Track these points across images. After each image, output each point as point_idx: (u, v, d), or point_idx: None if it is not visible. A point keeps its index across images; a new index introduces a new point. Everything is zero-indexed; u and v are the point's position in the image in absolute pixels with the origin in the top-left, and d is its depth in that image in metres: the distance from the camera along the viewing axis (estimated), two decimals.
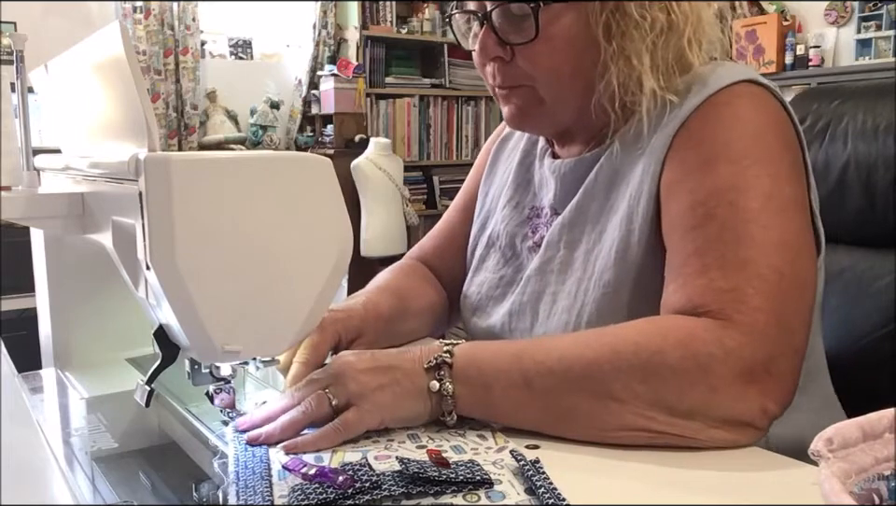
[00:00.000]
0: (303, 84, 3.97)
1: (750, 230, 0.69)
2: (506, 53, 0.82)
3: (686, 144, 0.75)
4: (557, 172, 0.88)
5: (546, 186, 0.92)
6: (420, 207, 4.08)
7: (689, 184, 0.73)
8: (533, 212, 0.94)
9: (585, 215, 0.84)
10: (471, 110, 4.35)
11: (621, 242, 0.78)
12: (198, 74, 3.66)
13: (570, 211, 0.85)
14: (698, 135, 0.75)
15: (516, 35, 0.80)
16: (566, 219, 0.85)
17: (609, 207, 0.81)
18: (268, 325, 0.64)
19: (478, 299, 0.96)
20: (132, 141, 0.64)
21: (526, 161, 0.97)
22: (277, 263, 0.62)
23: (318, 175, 0.63)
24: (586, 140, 0.88)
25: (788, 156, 0.75)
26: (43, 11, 3.29)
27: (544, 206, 0.91)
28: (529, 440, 0.66)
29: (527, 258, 0.91)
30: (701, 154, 0.74)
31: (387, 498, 0.55)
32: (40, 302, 1.02)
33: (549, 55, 0.80)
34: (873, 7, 3.33)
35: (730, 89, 0.76)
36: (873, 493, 0.45)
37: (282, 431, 0.66)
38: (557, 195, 0.89)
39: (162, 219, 0.57)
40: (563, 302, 0.83)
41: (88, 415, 0.84)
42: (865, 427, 0.46)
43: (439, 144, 4.27)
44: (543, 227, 0.90)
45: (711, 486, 0.58)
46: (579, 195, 0.85)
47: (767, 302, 0.66)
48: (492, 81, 0.86)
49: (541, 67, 0.81)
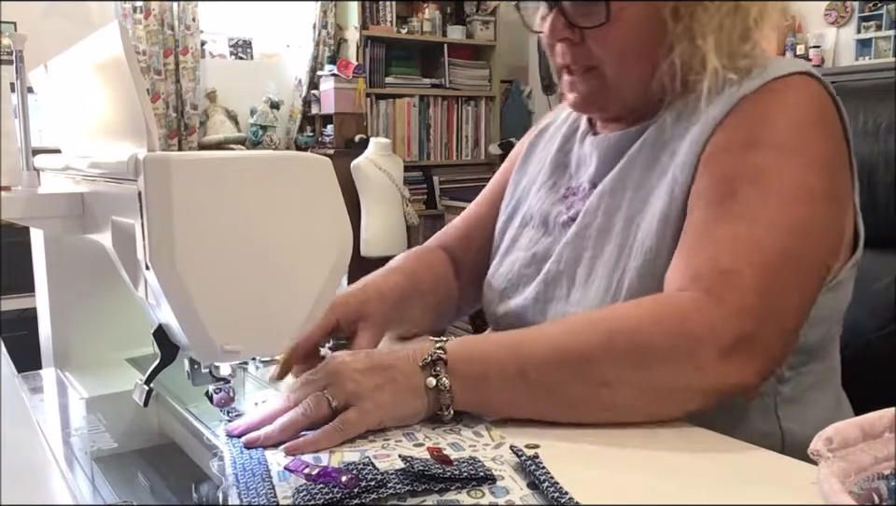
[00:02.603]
0: (303, 84, 3.97)
1: (767, 212, 0.71)
2: (574, 35, 0.84)
3: (733, 123, 0.77)
4: (601, 146, 0.90)
5: (585, 163, 0.93)
6: (420, 207, 4.08)
7: (723, 160, 0.76)
8: (569, 191, 0.94)
9: (626, 182, 0.84)
10: (471, 110, 4.35)
11: (664, 209, 0.79)
12: (198, 74, 3.66)
13: (612, 179, 0.86)
14: (747, 117, 0.77)
15: (586, 19, 0.82)
16: (606, 187, 0.86)
17: (653, 175, 0.82)
18: (268, 325, 0.64)
19: (508, 279, 0.96)
20: (131, 141, 0.64)
21: (566, 147, 0.98)
22: (277, 263, 0.62)
23: (318, 175, 0.63)
24: (634, 119, 0.89)
25: (828, 150, 0.77)
26: (43, 11, 3.29)
27: (581, 184, 0.92)
28: (525, 437, 0.66)
29: (561, 232, 0.91)
30: (743, 135, 0.76)
31: (393, 496, 0.55)
32: (40, 302, 1.02)
33: (618, 38, 0.82)
34: (873, 7, 3.32)
35: (786, 78, 0.78)
36: (872, 492, 0.45)
37: (281, 432, 0.66)
38: (598, 168, 0.90)
39: (162, 219, 0.57)
40: (602, 267, 0.83)
41: (87, 415, 0.84)
42: (865, 426, 0.46)
43: (439, 144, 4.27)
44: (580, 202, 0.90)
45: (711, 485, 0.58)
46: (622, 163, 0.86)
47: (762, 283, 0.69)
48: (561, 60, 0.88)
49: (610, 49, 0.83)
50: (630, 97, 0.86)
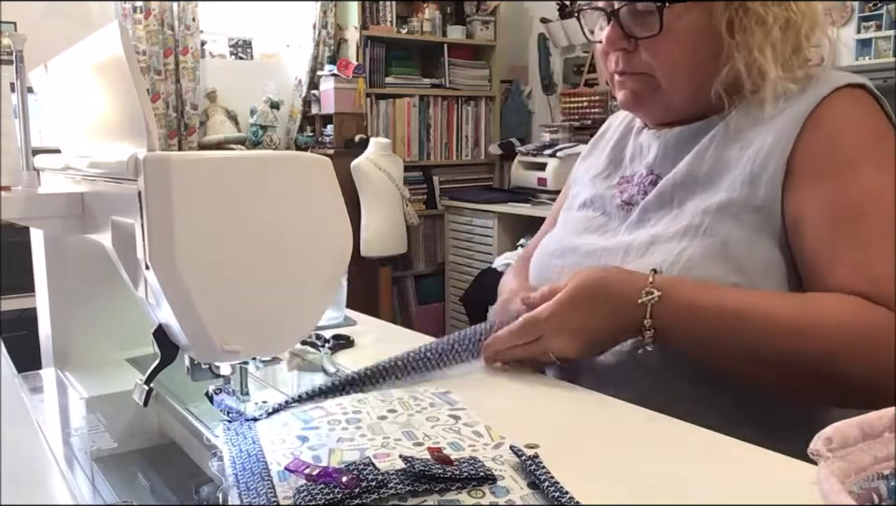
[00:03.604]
0: (303, 84, 3.96)
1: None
2: (630, 45, 0.90)
3: (820, 135, 0.82)
4: (662, 138, 0.95)
5: (642, 153, 0.98)
6: (420, 207, 4.08)
7: (834, 178, 0.80)
8: (623, 179, 0.99)
9: (696, 174, 0.89)
10: (471, 110, 4.35)
11: (741, 202, 0.83)
12: (198, 74, 3.66)
13: (680, 171, 0.90)
14: (831, 128, 0.82)
15: (641, 30, 0.88)
16: (677, 177, 0.90)
17: (720, 167, 0.87)
18: (267, 325, 0.64)
19: (561, 240, 1.01)
20: (131, 141, 0.64)
21: (620, 144, 1.04)
22: (277, 263, 0.62)
23: (318, 175, 0.63)
24: (688, 120, 0.93)
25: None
26: (43, 11, 3.29)
27: (638, 171, 0.97)
28: (525, 437, 0.66)
29: (616, 214, 0.97)
30: (841, 151, 0.81)
31: (394, 496, 0.55)
32: (40, 302, 1.02)
33: (670, 49, 0.88)
34: (873, 7, 3.32)
35: (852, 89, 0.84)
36: (872, 492, 0.45)
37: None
38: (658, 158, 0.95)
39: (162, 219, 0.57)
40: (665, 242, 0.86)
41: (87, 415, 0.84)
42: (864, 426, 0.46)
43: (439, 144, 4.27)
44: (633, 188, 0.96)
45: (710, 486, 0.58)
46: (690, 156, 0.90)
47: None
48: (613, 67, 0.93)
49: (662, 59, 0.88)
50: (677, 104, 0.92)
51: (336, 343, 1.02)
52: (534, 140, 4.26)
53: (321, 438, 0.67)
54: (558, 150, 3.61)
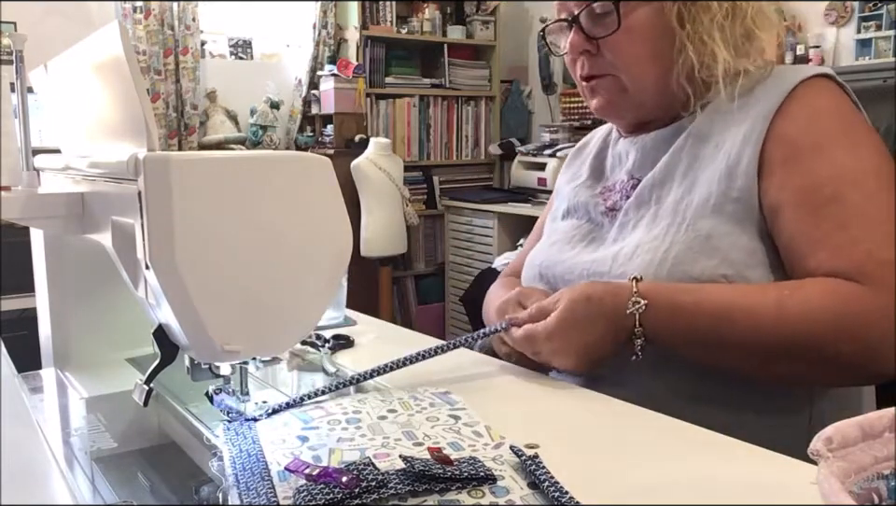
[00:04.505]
0: (303, 84, 3.96)
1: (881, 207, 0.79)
2: (592, 47, 0.94)
3: (790, 124, 0.85)
4: (639, 143, 0.98)
5: (622, 161, 1.01)
6: (420, 207, 4.08)
7: (806, 163, 0.83)
8: (605, 189, 1.02)
9: (674, 172, 0.92)
10: (471, 110, 4.35)
11: (719, 196, 0.85)
12: (198, 74, 3.66)
13: (659, 170, 0.93)
14: (801, 116, 0.85)
15: (600, 30, 0.92)
16: (655, 178, 0.93)
17: (696, 165, 0.90)
18: (267, 325, 0.64)
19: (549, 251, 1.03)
20: (131, 141, 0.64)
21: (601, 155, 1.07)
22: (277, 263, 0.62)
23: (318, 175, 0.63)
24: (661, 123, 0.96)
25: (874, 137, 0.86)
26: (43, 11, 3.29)
27: (619, 179, 1.00)
28: (525, 437, 0.66)
29: (601, 221, 1.00)
30: (811, 136, 0.84)
31: (394, 496, 0.55)
32: (40, 302, 1.02)
33: (630, 44, 0.92)
34: (873, 7, 3.32)
35: (818, 79, 0.87)
36: (872, 492, 0.45)
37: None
38: (637, 163, 0.98)
39: (162, 219, 0.57)
40: (649, 243, 0.88)
41: (87, 415, 0.84)
42: (865, 426, 0.46)
43: (439, 144, 4.27)
44: (616, 194, 0.99)
45: (710, 486, 0.58)
46: (667, 156, 0.93)
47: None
48: (580, 72, 0.97)
49: (623, 55, 0.92)
50: (648, 101, 0.95)
51: (336, 343, 1.02)
52: (534, 140, 4.26)
53: (321, 438, 0.67)
54: (558, 150, 3.61)
